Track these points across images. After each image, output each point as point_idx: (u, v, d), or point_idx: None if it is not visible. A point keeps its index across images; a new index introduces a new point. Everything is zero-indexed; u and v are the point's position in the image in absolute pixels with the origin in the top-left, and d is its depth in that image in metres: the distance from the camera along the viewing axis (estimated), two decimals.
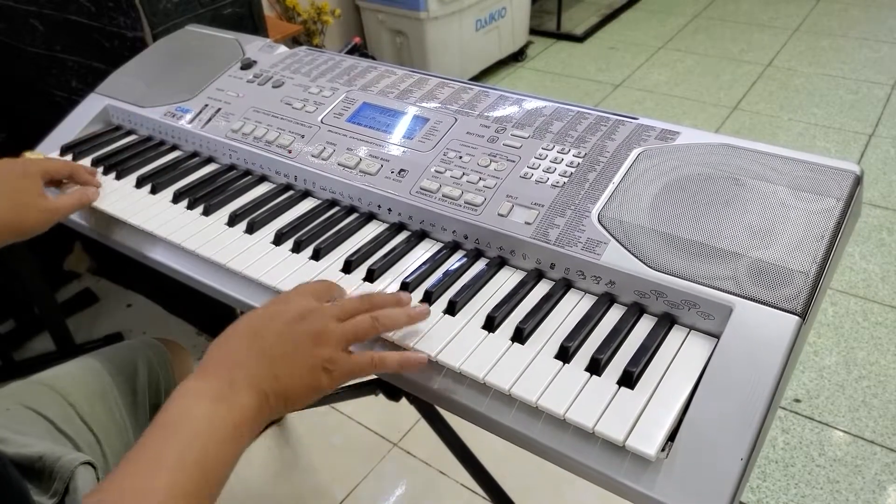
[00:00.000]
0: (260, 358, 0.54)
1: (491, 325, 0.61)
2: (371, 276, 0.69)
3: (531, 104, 0.81)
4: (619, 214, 0.65)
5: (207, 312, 1.72)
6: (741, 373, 0.52)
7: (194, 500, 0.46)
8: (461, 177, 0.73)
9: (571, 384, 0.55)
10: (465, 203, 0.71)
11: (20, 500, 0.48)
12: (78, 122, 1.00)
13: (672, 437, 0.51)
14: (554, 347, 0.58)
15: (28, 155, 0.88)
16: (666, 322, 0.60)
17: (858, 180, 0.64)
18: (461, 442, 1.14)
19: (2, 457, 0.47)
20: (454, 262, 0.70)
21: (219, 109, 0.92)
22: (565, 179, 0.70)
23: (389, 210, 0.76)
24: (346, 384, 0.59)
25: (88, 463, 0.66)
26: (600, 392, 0.54)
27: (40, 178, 0.80)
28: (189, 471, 0.46)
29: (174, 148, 0.95)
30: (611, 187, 0.67)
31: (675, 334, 0.59)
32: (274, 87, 0.93)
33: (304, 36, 2.46)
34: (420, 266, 0.69)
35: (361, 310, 0.59)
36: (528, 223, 0.67)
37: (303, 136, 0.85)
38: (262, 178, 0.86)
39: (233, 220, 0.78)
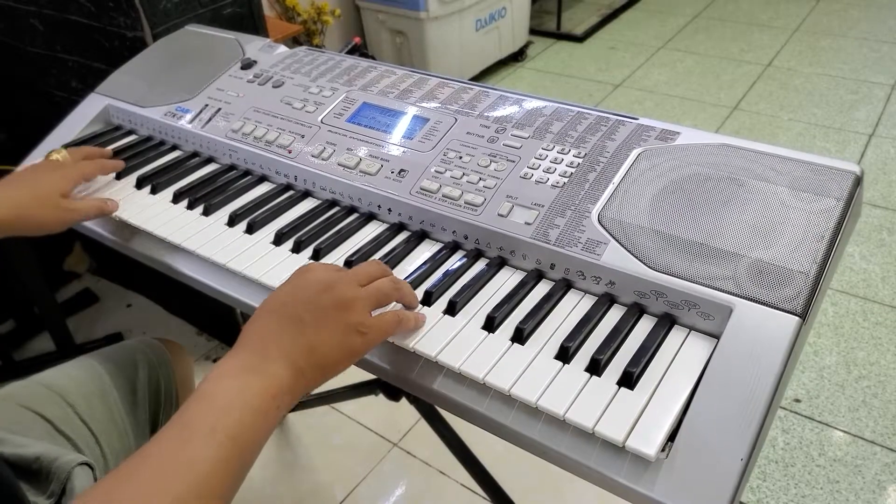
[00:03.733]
0: (291, 331, 0.54)
1: (491, 325, 0.61)
2: None
3: (531, 104, 0.81)
4: (619, 215, 0.65)
5: (207, 312, 1.72)
6: (741, 373, 0.52)
7: (228, 469, 0.46)
8: (461, 177, 0.73)
9: (571, 385, 0.55)
10: (465, 203, 0.71)
11: (12, 500, 0.48)
12: (78, 122, 1.00)
13: (672, 437, 0.51)
14: (554, 348, 0.58)
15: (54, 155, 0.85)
16: (666, 322, 0.59)
17: (858, 180, 0.63)
18: (461, 442, 1.14)
19: None
20: (454, 262, 0.70)
21: (219, 109, 0.92)
22: (565, 180, 0.70)
23: (389, 210, 0.76)
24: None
25: (86, 464, 0.66)
26: (600, 392, 0.54)
27: (73, 178, 0.80)
28: (222, 439, 0.46)
29: (174, 148, 0.95)
30: (611, 187, 0.67)
31: (675, 335, 0.59)
32: (274, 87, 0.93)
33: (304, 36, 2.46)
34: (420, 266, 0.69)
35: (378, 274, 0.60)
36: (528, 223, 0.67)
37: (303, 136, 0.84)
38: (262, 178, 0.86)
39: (233, 221, 0.78)
